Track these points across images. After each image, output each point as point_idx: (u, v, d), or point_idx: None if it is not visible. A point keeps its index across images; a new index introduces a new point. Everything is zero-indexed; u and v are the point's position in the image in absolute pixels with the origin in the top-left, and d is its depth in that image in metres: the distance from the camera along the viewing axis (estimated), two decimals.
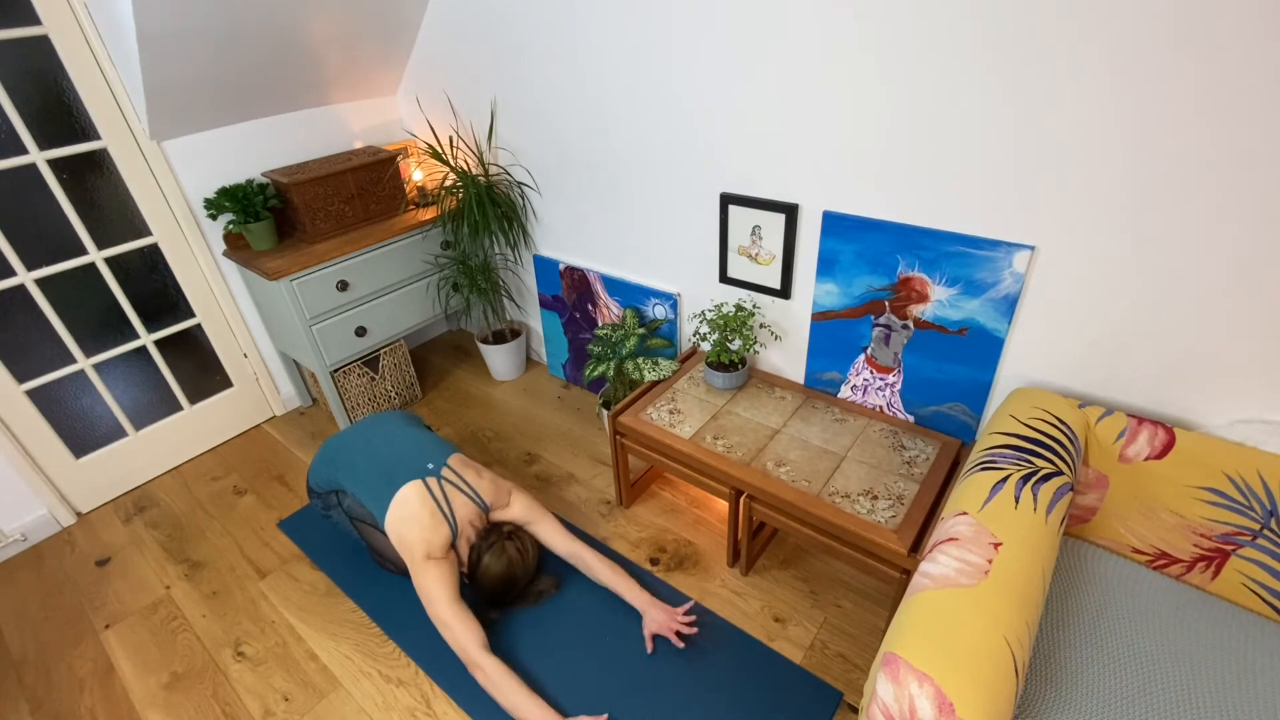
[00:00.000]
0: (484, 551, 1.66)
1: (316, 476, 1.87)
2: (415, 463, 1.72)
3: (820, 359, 1.90)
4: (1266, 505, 1.21)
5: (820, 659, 1.61)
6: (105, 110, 2.02)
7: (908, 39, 1.36)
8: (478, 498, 1.72)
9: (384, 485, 1.68)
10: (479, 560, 1.66)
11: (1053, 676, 1.15)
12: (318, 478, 1.87)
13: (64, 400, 2.19)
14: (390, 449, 1.77)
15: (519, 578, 1.70)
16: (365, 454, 1.78)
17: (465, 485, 1.72)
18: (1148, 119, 1.17)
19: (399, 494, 1.65)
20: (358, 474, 1.75)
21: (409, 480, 1.67)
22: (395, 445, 1.78)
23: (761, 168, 1.75)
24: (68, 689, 1.71)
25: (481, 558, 1.66)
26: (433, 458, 1.75)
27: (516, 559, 1.68)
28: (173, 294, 2.35)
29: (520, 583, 1.71)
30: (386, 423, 1.91)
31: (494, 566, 1.65)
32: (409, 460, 1.72)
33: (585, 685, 1.58)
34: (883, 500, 1.51)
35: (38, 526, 2.20)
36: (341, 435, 1.90)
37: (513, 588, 1.70)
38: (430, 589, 1.56)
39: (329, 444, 1.89)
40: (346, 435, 1.89)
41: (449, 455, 1.78)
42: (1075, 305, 1.40)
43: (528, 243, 2.63)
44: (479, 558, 1.67)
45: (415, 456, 1.74)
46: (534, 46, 2.07)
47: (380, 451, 1.77)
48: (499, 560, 1.66)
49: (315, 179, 2.26)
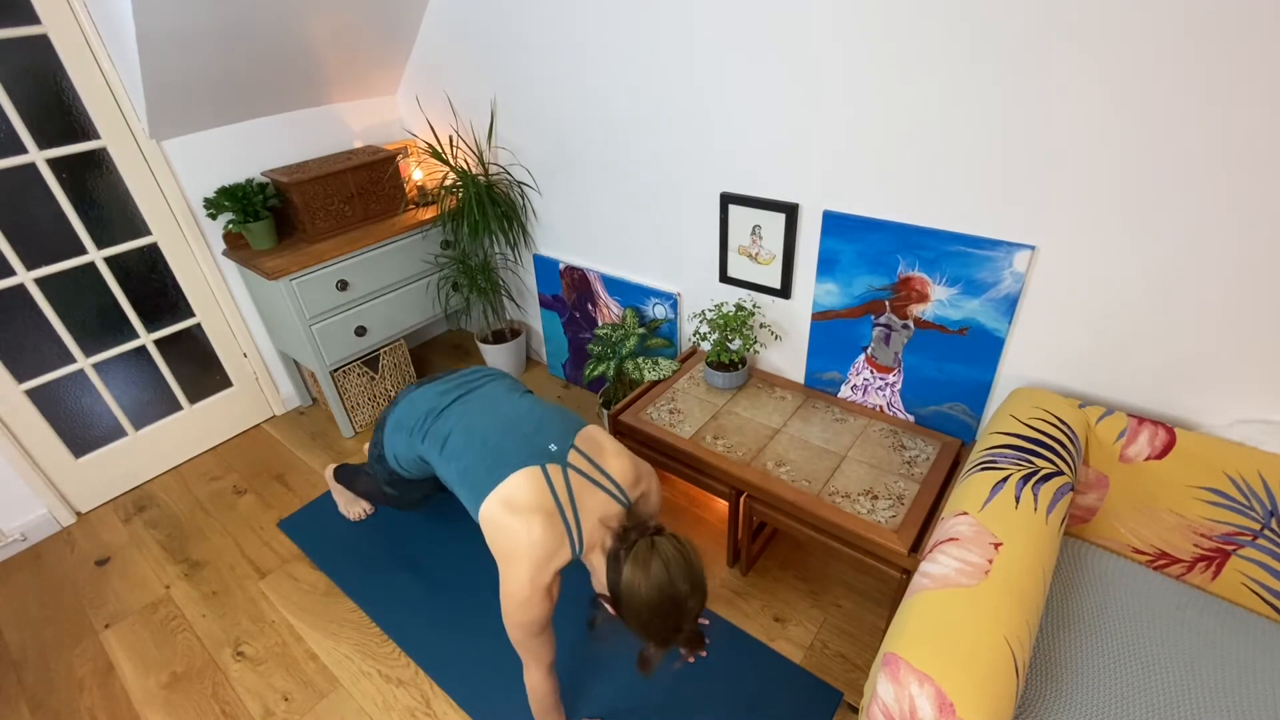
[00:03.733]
0: (624, 560, 1.11)
1: (395, 447, 1.49)
2: (532, 441, 1.24)
3: (820, 359, 1.90)
4: (1267, 505, 1.20)
5: (820, 659, 1.61)
6: (105, 110, 2.02)
7: (908, 39, 1.36)
8: (618, 491, 1.22)
9: (484, 471, 1.22)
10: (619, 575, 1.11)
11: (1053, 676, 1.15)
12: (397, 449, 1.49)
13: (64, 400, 2.19)
14: (496, 418, 1.32)
15: (683, 593, 1.09)
16: (465, 424, 1.34)
17: (600, 474, 1.23)
18: (1148, 118, 1.17)
19: (504, 485, 1.18)
20: (452, 454, 1.31)
21: (520, 467, 1.19)
22: (506, 414, 1.33)
23: (762, 167, 1.75)
24: (67, 689, 1.71)
25: (622, 570, 1.11)
26: (555, 436, 1.25)
27: (677, 561, 1.10)
28: (172, 294, 2.35)
29: (687, 600, 1.11)
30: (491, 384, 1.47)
31: (641, 579, 1.08)
32: (524, 436, 1.25)
33: (585, 684, 1.58)
34: (883, 500, 1.51)
35: (37, 526, 2.20)
36: (427, 393, 1.47)
37: (677, 611, 1.10)
38: (519, 617, 1.16)
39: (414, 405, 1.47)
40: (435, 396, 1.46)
41: (577, 431, 1.28)
42: (1076, 305, 1.40)
43: (527, 242, 2.63)
44: (618, 571, 1.11)
45: (532, 433, 1.26)
46: (534, 46, 2.06)
47: (483, 422, 1.32)
48: (648, 569, 1.08)
49: (315, 178, 2.26)
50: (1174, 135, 1.15)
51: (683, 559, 1.11)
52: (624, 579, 1.10)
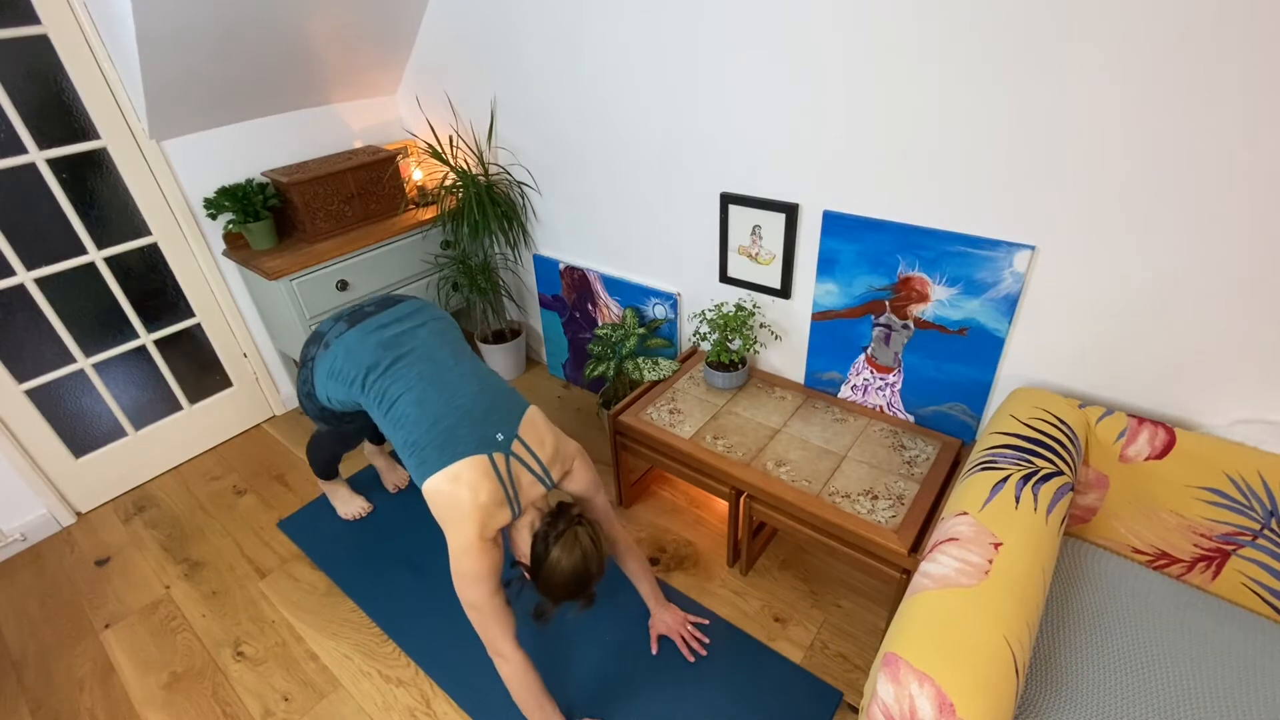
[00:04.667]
0: (552, 543, 1.33)
1: (330, 391, 1.55)
2: (481, 428, 1.35)
3: (820, 359, 1.90)
4: (1267, 505, 1.20)
5: (820, 659, 1.61)
6: (105, 110, 2.02)
7: (909, 39, 1.35)
8: (546, 476, 1.39)
9: (435, 450, 1.32)
10: (545, 553, 1.34)
11: (1053, 676, 1.15)
12: (330, 392, 1.55)
13: (64, 400, 2.19)
14: (449, 398, 1.39)
15: (593, 575, 1.36)
16: (415, 396, 1.40)
17: (535, 461, 1.38)
18: (1149, 118, 1.17)
19: (454, 466, 1.30)
20: (400, 421, 1.39)
21: (471, 454, 1.30)
22: (457, 392, 1.40)
23: (762, 167, 1.75)
24: (67, 689, 1.71)
25: (549, 550, 1.33)
26: (503, 425, 1.37)
27: (592, 553, 1.35)
28: (172, 294, 2.35)
29: (594, 581, 1.38)
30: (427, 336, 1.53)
31: (565, 562, 1.32)
32: (474, 421, 1.35)
33: (584, 683, 1.58)
34: (883, 500, 1.51)
35: (37, 526, 2.20)
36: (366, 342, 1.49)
37: (584, 588, 1.37)
38: (471, 570, 1.29)
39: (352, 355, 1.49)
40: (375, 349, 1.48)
41: (520, 419, 1.40)
42: (1076, 305, 1.40)
43: (528, 242, 2.63)
44: (545, 550, 1.34)
45: (481, 419, 1.36)
46: (534, 45, 2.06)
47: (435, 399, 1.39)
48: (571, 555, 1.32)
49: (315, 178, 2.26)
50: (1174, 135, 1.15)
51: (596, 549, 1.35)
52: (549, 559, 1.32)
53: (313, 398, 1.65)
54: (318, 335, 1.61)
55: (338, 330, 1.56)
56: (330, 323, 1.61)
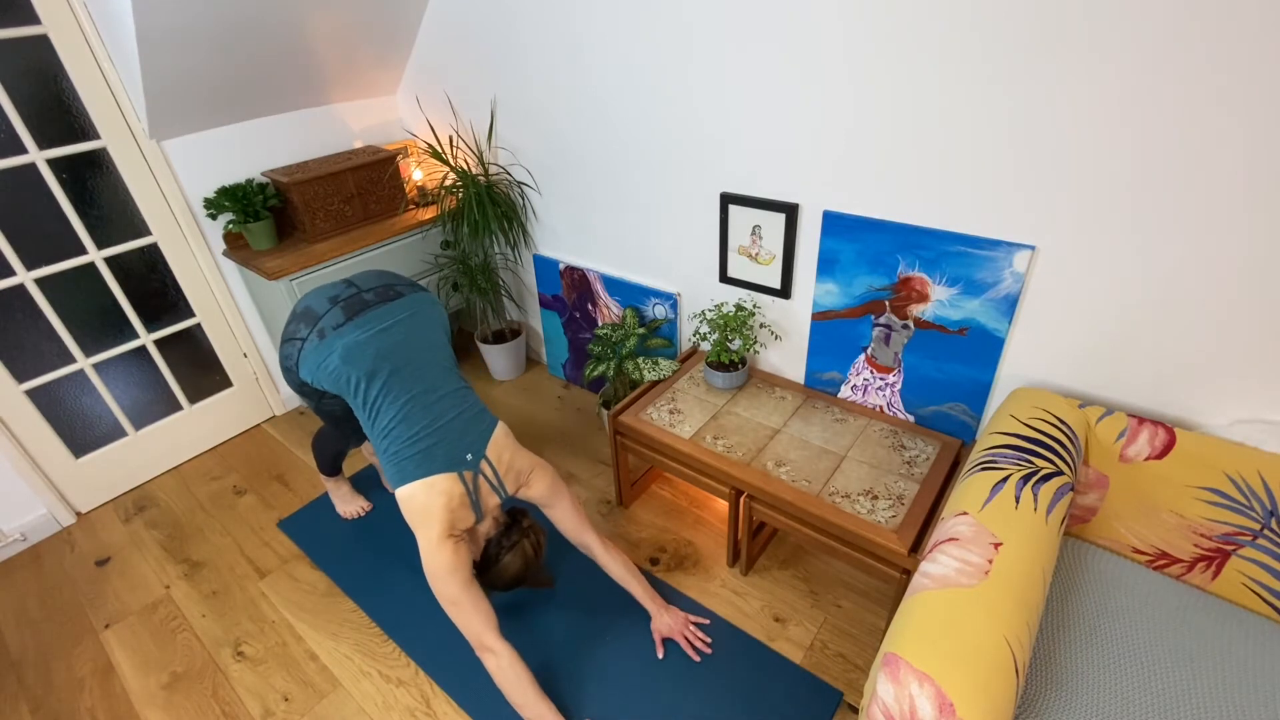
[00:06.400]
0: (504, 550, 1.57)
1: (318, 381, 1.58)
2: (455, 449, 1.50)
3: (820, 359, 1.90)
4: (1267, 505, 1.20)
5: (820, 659, 1.61)
6: (105, 110, 2.02)
7: (910, 39, 1.35)
8: (501, 488, 1.56)
9: (412, 464, 1.46)
10: (496, 557, 1.57)
11: (1053, 676, 1.15)
12: (318, 381, 1.58)
13: (64, 400, 2.19)
14: (433, 419, 1.50)
15: (530, 576, 1.63)
16: (402, 415, 1.50)
17: (496, 480, 1.55)
18: (1150, 118, 1.17)
19: (428, 479, 1.45)
20: (384, 432, 1.50)
21: (444, 471, 1.46)
22: (439, 416, 1.51)
23: (762, 167, 1.75)
24: (67, 689, 1.71)
25: (500, 556, 1.57)
26: (473, 445, 1.53)
27: (533, 558, 1.60)
28: (172, 294, 2.35)
29: (529, 580, 1.65)
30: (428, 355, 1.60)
31: (511, 566, 1.57)
32: (450, 441, 1.49)
33: (584, 683, 1.58)
34: (883, 500, 1.51)
35: (37, 526, 2.20)
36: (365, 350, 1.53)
37: (520, 585, 1.64)
38: (444, 564, 1.42)
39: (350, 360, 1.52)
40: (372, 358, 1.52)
41: (488, 440, 1.56)
42: (1076, 305, 1.40)
43: (528, 242, 2.63)
44: (496, 554, 1.57)
45: (457, 439, 1.51)
46: (534, 46, 2.06)
47: (419, 418, 1.50)
48: (517, 560, 1.57)
49: (315, 178, 2.26)
50: (1175, 135, 1.15)
51: (537, 556, 1.63)
52: (501, 562, 1.57)
53: (294, 373, 1.64)
54: (310, 316, 1.58)
55: (333, 320, 1.55)
56: (324, 303, 1.59)
